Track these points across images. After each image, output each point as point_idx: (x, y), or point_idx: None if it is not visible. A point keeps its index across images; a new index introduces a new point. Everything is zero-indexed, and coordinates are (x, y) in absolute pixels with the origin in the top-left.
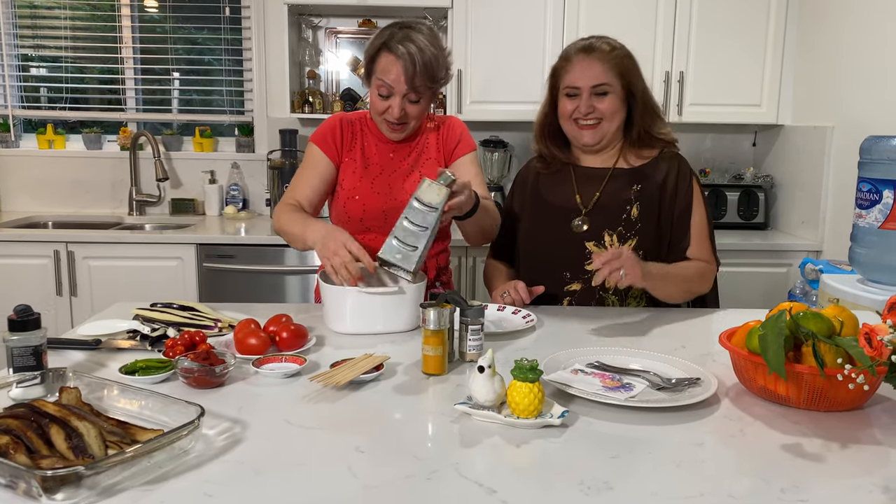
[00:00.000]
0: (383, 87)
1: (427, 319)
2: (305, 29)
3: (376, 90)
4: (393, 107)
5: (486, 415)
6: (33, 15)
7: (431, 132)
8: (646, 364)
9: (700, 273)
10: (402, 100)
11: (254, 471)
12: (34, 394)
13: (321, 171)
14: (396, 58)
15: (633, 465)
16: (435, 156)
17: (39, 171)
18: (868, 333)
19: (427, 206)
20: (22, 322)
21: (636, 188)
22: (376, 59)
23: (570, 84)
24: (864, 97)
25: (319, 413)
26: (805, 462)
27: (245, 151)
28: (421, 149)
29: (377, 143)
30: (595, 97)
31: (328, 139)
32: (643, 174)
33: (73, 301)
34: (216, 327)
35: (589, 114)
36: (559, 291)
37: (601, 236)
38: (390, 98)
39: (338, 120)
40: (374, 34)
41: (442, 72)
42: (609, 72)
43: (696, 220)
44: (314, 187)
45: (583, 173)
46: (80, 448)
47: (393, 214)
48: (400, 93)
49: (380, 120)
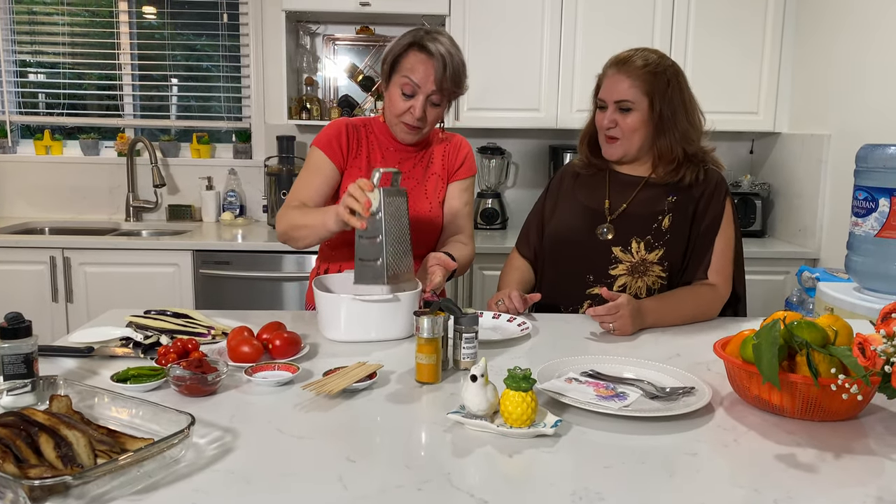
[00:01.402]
0: (408, 86)
1: (421, 328)
2: (303, 36)
3: (399, 89)
4: (416, 106)
5: (479, 424)
6: (31, 21)
7: (438, 146)
8: (640, 373)
9: (705, 302)
10: (426, 100)
11: (244, 480)
12: (25, 402)
13: (326, 175)
14: (428, 56)
15: (626, 475)
16: (439, 171)
17: (36, 176)
18: (862, 343)
19: (370, 216)
20: (13, 330)
21: (671, 199)
22: (402, 56)
23: (600, 97)
24: (861, 105)
25: (312, 422)
26: (799, 472)
27: (242, 158)
28: (427, 162)
29: (384, 152)
30: (619, 113)
31: (334, 144)
32: (681, 187)
33: (68, 307)
34: (209, 335)
35: (610, 128)
36: (581, 294)
37: (629, 243)
38: (414, 98)
39: (343, 125)
40: (396, 38)
41: (465, 79)
42: (634, 88)
43: (722, 240)
44: (319, 191)
45: (618, 180)
46: (68, 457)
47: None
48: (426, 92)
49: (395, 122)
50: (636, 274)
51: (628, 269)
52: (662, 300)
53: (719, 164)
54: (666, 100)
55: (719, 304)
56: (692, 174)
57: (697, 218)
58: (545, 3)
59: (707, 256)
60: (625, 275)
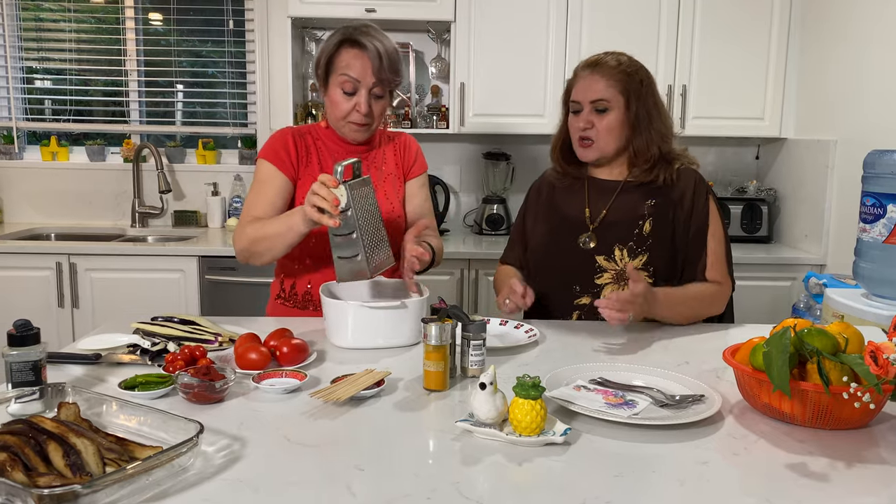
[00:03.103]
0: (348, 83)
1: (428, 335)
2: (308, 42)
3: (339, 88)
4: (360, 103)
5: (488, 432)
6: (38, 28)
7: (388, 146)
8: (649, 381)
9: (711, 297)
10: (368, 95)
11: (252, 489)
12: (33, 409)
13: (278, 187)
14: (361, 50)
15: (636, 484)
16: (394, 170)
17: (43, 182)
18: (874, 351)
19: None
20: (21, 337)
21: (650, 203)
22: (335, 56)
23: (573, 99)
24: (868, 111)
25: (319, 430)
26: (810, 481)
27: (248, 164)
28: (380, 163)
29: (334, 157)
30: (595, 114)
31: (282, 154)
32: (658, 189)
33: (74, 313)
34: (216, 342)
35: (587, 129)
36: (569, 305)
37: (611, 251)
38: (356, 94)
39: (289, 134)
40: (324, 41)
41: (402, 66)
42: (610, 88)
43: (713, 240)
44: (273, 204)
45: (596, 186)
46: (77, 465)
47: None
48: (367, 86)
49: (342, 124)
50: (622, 282)
51: (614, 278)
52: (671, 290)
53: (694, 162)
54: (641, 99)
55: (724, 299)
56: (666, 173)
57: (682, 221)
58: (550, 10)
59: (702, 259)
60: (611, 283)
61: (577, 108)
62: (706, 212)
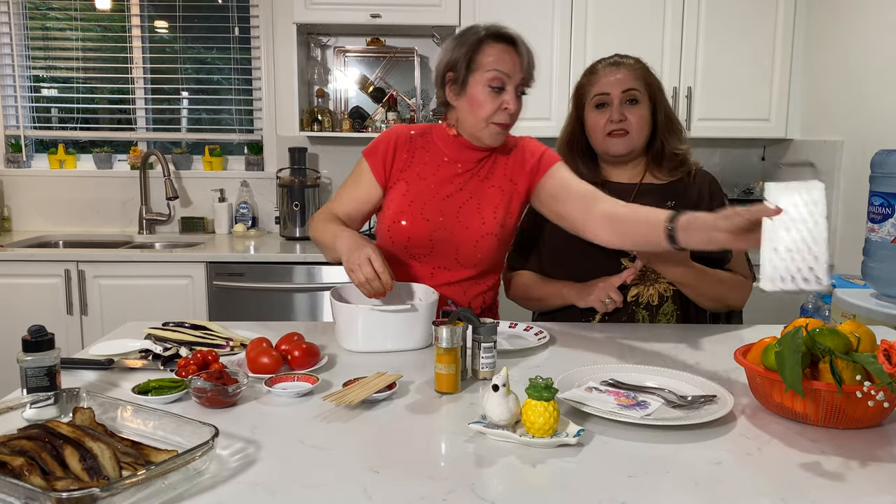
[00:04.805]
0: (497, 79)
1: (439, 337)
2: (314, 48)
3: (485, 86)
4: (509, 100)
5: (501, 434)
6: (45, 36)
7: (502, 156)
8: (661, 381)
9: (738, 282)
10: (515, 92)
11: (269, 492)
12: (48, 414)
13: (365, 189)
14: (508, 44)
15: (650, 485)
16: (501, 183)
17: (50, 190)
18: (887, 350)
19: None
20: (36, 342)
21: (671, 205)
22: (478, 52)
23: (600, 91)
24: (874, 111)
25: (333, 433)
26: (824, 481)
27: (254, 170)
28: (486, 174)
29: (438, 164)
30: (625, 105)
31: (378, 157)
32: (675, 191)
33: (83, 320)
34: (228, 346)
35: (621, 121)
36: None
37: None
38: (504, 91)
39: (394, 136)
40: (457, 37)
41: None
42: (638, 80)
43: None
44: (355, 206)
45: (612, 189)
46: (94, 469)
47: (441, 245)
48: (515, 82)
49: (482, 125)
50: (647, 282)
51: (638, 278)
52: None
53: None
54: (662, 96)
55: (747, 289)
56: (683, 173)
57: None
58: (555, 13)
59: (726, 257)
60: (636, 284)
61: (603, 102)
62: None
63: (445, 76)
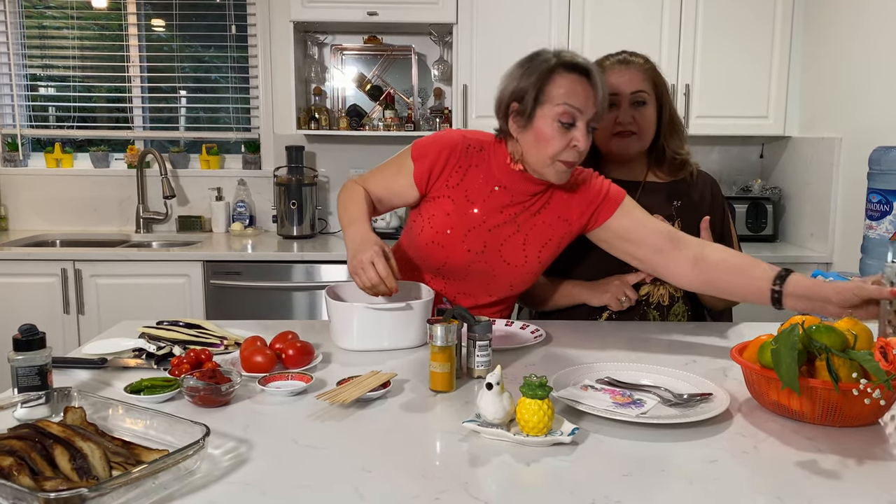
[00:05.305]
0: (567, 114)
1: (434, 336)
2: (311, 46)
3: (556, 120)
4: (579, 137)
5: (495, 432)
6: (42, 35)
7: (559, 191)
8: (656, 379)
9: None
10: (587, 128)
11: (260, 492)
12: (39, 414)
13: (403, 186)
14: (580, 75)
15: (645, 483)
16: (551, 220)
17: (47, 189)
18: (883, 347)
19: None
20: (27, 342)
21: (677, 204)
22: (548, 82)
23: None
24: (873, 108)
25: (326, 432)
26: (821, 479)
27: (251, 168)
28: (538, 208)
29: (490, 192)
30: (633, 107)
31: (425, 165)
32: (680, 191)
33: (80, 319)
34: (222, 345)
35: (629, 123)
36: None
37: None
38: (574, 127)
39: (448, 147)
40: (524, 63)
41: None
42: (647, 81)
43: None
44: (388, 195)
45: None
46: (84, 469)
47: (475, 276)
48: (587, 118)
49: (548, 162)
50: (657, 282)
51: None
52: None
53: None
54: (668, 97)
55: None
56: (686, 174)
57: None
58: (552, 12)
59: None
60: (646, 284)
61: (611, 102)
62: (725, 215)
63: (510, 106)
